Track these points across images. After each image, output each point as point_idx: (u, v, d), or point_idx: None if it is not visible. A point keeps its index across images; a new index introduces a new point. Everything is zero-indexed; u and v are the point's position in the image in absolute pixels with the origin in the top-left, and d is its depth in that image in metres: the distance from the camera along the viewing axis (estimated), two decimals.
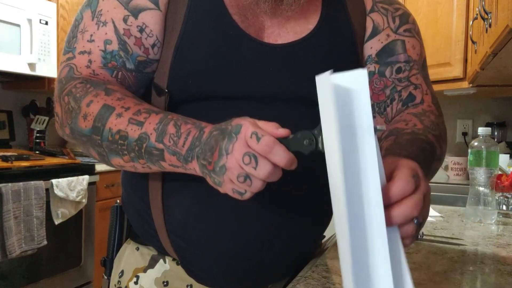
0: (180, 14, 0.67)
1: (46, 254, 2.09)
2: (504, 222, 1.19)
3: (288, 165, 0.51)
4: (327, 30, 0.73)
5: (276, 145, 0.50)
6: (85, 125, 0.62)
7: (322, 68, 0.70)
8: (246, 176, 0.51)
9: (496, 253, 0.88)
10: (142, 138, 0.59)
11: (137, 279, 0.76)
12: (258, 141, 0.50)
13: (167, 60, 0.68)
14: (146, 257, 0.77)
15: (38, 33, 2.32)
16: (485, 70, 1.50)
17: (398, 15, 0.80)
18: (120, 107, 0.61)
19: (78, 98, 0.63)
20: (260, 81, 0.68)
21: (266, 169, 0.50)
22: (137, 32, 0.67)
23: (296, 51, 0.70)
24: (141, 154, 0.60)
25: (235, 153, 0.51)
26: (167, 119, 0.59)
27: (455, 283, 0.70)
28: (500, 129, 2.42)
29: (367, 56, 0.79)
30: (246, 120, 0.53)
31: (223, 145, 0.52)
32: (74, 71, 0.67)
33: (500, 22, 1.03)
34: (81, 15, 0.69)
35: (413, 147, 0.66)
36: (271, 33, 0.70)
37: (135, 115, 0.60)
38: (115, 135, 0.60)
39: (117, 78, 0.68)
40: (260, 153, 0.50)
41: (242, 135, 0.51)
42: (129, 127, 0.59)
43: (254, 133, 0.50)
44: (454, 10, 2.07)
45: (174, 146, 0.58)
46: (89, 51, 0.67)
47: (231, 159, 0.51)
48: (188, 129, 0.58)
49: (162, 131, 0.58)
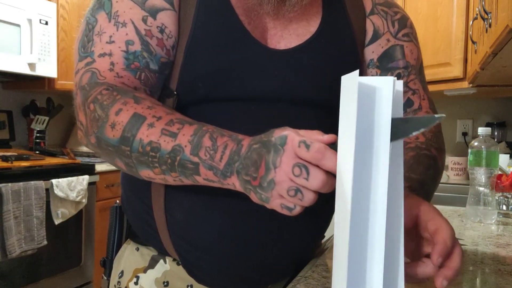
0: (189, 15, 0.67)
1: (46, 254, 2.09)
2: (504, 222, 1.19)
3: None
4: (329, 32, 0.74)
5: (327, 150, 0.47)
6: (113, 134, 0.59)
7: (325, 70, 0.72)
8: (297, 189, 0.48)
9: (496, 253, 0.88)
10: (176, 151, 0.56)
11: (137, 279, 0.76)
12: (308, 149, 0.47)
13: (177, 62, 0.67)
14: (146, 258, 0.77)
15: (38, 33, 2.32)
16: (485, 70, 1.50)
17: (397, 19, 0.80)
18: (151, 117, 0.58)
19: (106, 106, 0.60)
20: (266, 83, 0.68)
21: (319, 178, 0.47)
22: (158, 33, 0.66)
23: (300, 54, 0.71)
24: (174, 167, 0.57)
25: (284, 166, 0.48)
26: (202, 130, 0.56)
27: (455, 283, 0.70)
28: (500, 129, 2.42)
29: (369, 60, 0.80)
30: (289, 129, 0.50)
31: (269, 158, 0.49)
32: (98, 76, 0.64)
33: (500, 22, 1.03)
34: (94, 18, 0.66)
35: (420, 167, 0.69)
36: (274, 35, 0.71)
37: (167, 125, 0.57)
38: (146, 147, 0.57)
39: (140, 79, 0.65)
40: (311, 161, 0.47)
41: (289, 145, 0.49)
42: (162, 139, 0.56)
43: (302, 142, 0.48)
44: (454, 10, 2.07)
45: (210, 160, 0.55)
46: (109, 52, 0.64)
47: (279, 173, 0.48)
48: (225, 142, 0.55)
49: (197, 143, 0.55)
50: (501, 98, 2.46)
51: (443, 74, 2.10)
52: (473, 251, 0.89)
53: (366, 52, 0.79)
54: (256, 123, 0.67)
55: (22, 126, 2.71)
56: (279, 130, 0.51)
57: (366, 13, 0.79)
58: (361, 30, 0.78)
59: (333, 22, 0.75)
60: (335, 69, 0.72)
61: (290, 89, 0.70)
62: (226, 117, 0.68)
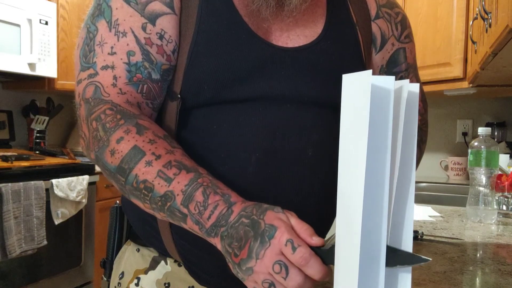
0: (192, 17, 0.67)
1: (46, 254, 2.09)
2: (504, 222, 1.19)
3: (322, 279, 0.50)
4: (334, 34, 0.74)
5: (312, 258, 0.49)
6: (112, 161, 0.60)
7: (332, 71, 0.72)
8: (272, 283, 0.50)
9: (496, 253, 0.88)
10: (168, 197, 0.57)
11: (138, 280, 0.75)
12: (293, 251, 0.49)
13: (181, 65, 0.67)
14: (147, 259, 0.76)
15: (38, 33, 2.32)
16: (485, 70, 1.50)
17: (399, 21, 0.83)
18: (150, 154, 0.59)
19: (108, 129, 0.61)
20: (271, 83, 0.68)
21: (297, 281, 0.49)
22: (157, 39, 0.65)
23: (307, 54, 0.71)
24: (163, 209, 0.59)
25: (266, 260, 0.50)
26: (197, 183, 0.57)
27: (455, 283, 0.70)
28: (500, 129, 2.42)
29: (380, 66, 0.83)
30: (281, 221, 0.52)
31: (254, 246, 0.51)
32: (101, 91, 0.64)
33: (500, 22, 1.03)
34: (95, 26, 0.66)
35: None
36: (280, 36, 0.71)
37: (165, 168, 0.58)
38: (140, 184, 0.58)
39: (143, 92, 0.66)
40: (294, 264, 0.49)
41: (276, 241, 0.50)
42: (157, 181, 0.58)
43: (289, 241, 0.49)
44: (454, 10, 2.07)
45: (198, 216, 0.56)
46: (112, 65, 0.64)
47: (260, 264, 0.50)
48: (216, 202, 0.56)
49: (189, 195, 0.56)
50: (501, 98, 2.46)
51: (443, 74, 2.10)
52: (473, 251, 0.89)
53: (378, 59, 0.82)
54: (264, 124, 0.67)
55: (22, 126, 2.71)
56: (271, 215, 0.53)
57: (371, 16, 0.80)
58: (367, 32, 0.79)
59: (337, 23, 0.75)
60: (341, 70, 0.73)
61: (298, 89, 0.69)
62: (233, 119, 0.67)
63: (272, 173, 0.67)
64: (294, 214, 0.55)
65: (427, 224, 1.14)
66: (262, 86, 0.68)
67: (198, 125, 0.68)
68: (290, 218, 0.53)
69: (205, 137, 0.68)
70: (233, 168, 0.67)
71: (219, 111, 0.68)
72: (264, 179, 0.67)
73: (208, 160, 0.67)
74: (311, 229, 0.52)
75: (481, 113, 2.53)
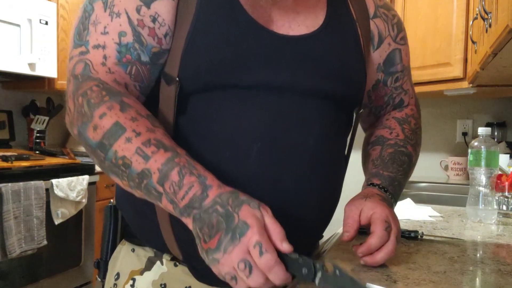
0: (191, 4, 0.67)
1: (46, 254, 2.09)
2: (504, 222, 1.19)
3: (281, 284, 0.53)
4: (335, 26, 0.75)
5: (276, 265, 0.52)
6: (93, 136, 0.61)
7: (332, 61, 0.73)
8: (234, 277, 0.53)
9: (496, 253, 0.88)
10: (144, 174, 0.58)
11: (133, 282, 0.75)
12: (260, 255, 0.51)
13: (178, 49, 0.67)
14: (143, 259, 0.76)
15: (38, 33, 2.32)
16: (485, 70, 1.50)
17: (395, 23, 0.86)
18: (131, 131, 0.59)
19: (92, 105, 0.61)
20: (272, 71, 0.68)
21: (258, 281, 0.52)
22: (150, 22, 0.66)
23: (309, 43, 0.71)
24: (140, 187, 0.59)
25: (233, 255, 0.52)
26: (174, 162, 0.58)
27: (455, 283, 0.70)
28: (500, 129, 2.41)
29: (378, 65, 0.85)
30: (255, 219, 0.53)
31: (223, 240, 0.53)
32: (91, 68, 0.65)
33: (500, 22, 1.03)
34: (91, 6, 0.67)
35: (394, 165, 0.81)
36: (282, 26, 0.71)
37: (143, 145, 0.59)
38: (119, 160, 0.59)
39: (131, 74, 0.66)
40: (258, 267, 0.52)
41: (246, 239, 0.52)
42: (135, 158, 0.58)
43: (258, 245, 0.51)
44: (454, 10, 2.07)
45: (173, 195, 0.57)
46: (103, 45, 0.65)
47: (226, 258, 0.52)
48: (191, 183, 0.57)
49: (165, 174, 0.57)
50: (501, 98, 2.46)
51: (443, 74, 2.10)
52: (473, 251, 0.89)
53: (376, 57, 0.83)
54: (264, 114, 0.67)
55: (22, 126, 2.71)
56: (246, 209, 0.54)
57: (370, 15, 0.82)
58: (366, 29, 0.80)
59: (337, 17, 0.76)
60: (341, 63, 0.74)
61: (299, 78, 0.69)
62: (233, 106, 0.67)
63: (273, 163, 0.67)
64: (269, 212, 0.56)
65: (427, 224, 1.14)
66: (263, 72, 0.67)
67: (197, 111, 0.68)
68: (265, 216, 0.54)
69: (204, 123, 0.68)
70: (233, 157, 0.67)
71: (219, 97, 0.67)
72: (265, 168, 0.67)
73: (207, 148, 0.67)
74: (283, 233, 0.54)
75: (481, 113, 2.53)
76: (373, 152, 0.84)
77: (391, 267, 0.76)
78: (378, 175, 0.79)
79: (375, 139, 0.86)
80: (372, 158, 0.83)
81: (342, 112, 0.78)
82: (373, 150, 0.85)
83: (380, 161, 0.81)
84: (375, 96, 0.87)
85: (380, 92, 0.87)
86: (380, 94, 0.88)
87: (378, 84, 0.86)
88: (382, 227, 0.68)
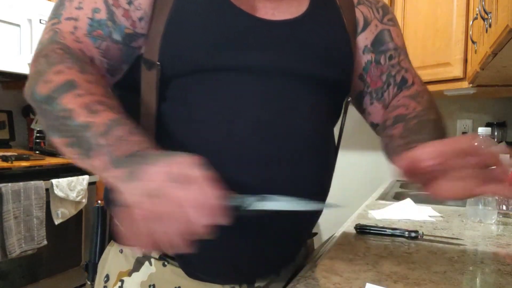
0: None
1: (46, 254, 2.09)
2: (504, 222, 1.19)
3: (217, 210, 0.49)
4: (319, 12, 0.75)
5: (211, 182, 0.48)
6: (41, 90, 0.58)
7: (318, 45, 0.73)
8: (159, 193, 0.47)
9: (496, 253, 0.88)
10: (85, 126, 0.54)
11: (122, 283, 0.74)
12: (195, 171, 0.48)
13: (157, 34, 0.66)
14: (131, 260, 0.74)
15: (38, 33, 2.31)
16: (485, 70, 1.50)
17: (380, 7, 0.86)
18: (84, 89, 0.57)
19: (51, 62, 0.60)
20: (256, 53, 0.67)
21: (193, 193, 0.47)
22: (125, 4, 0.66)
23: (293, 27, 0.71)
24: (73, 141, 0.55)
25: (165, 168, 0.48)
26: (120, 121, 0.55)
27: (455, 283, 0.70)
28: (500, 129, 2.41)
29: (364, 47, 0.83)
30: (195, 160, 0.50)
31: (158, 158, 0.50)
32: (58, 35, 0.64)
33: (500, 22, 1.03)
34: None
35: (426, 129, 0.70)
36: (265, 14, 0.70)
37: (93, 103, 0.56)
38: (61, 112, 0.56)
39: (100, 48, 0.66)
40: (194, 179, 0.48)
41: (182, 159, 0.49)
42: (80, 110, 0.55)
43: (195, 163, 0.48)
44: (454, 10, 2.07)
45: (112, 148, 0.53)
46: (76, 17, 0.65)
47: (156, 170, 0.48)
48: (138, 141, 0.54)
49: (109, 129, 0.54)
50: (501, 98, 2.46)
51: (443, 74, 2.10)
52: (473, 251, 0.89)
53: (360, 40, 0.83)
54: (248, 93, 0.66)
55: (22, 126, 2.71)
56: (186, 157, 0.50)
57: (354, 3, 0.83)
58: (351, 18, 0.81)
59: (322, 5, 0.76)
60: (326, 47, 0.75)
61: (284, 60, 0.69)
62: (216, 89, 0.66)
63: (261, 143, 0.66)
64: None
65: (427, 224, 1.14)
66: (246, 55, 0.67)
67: (180, 96, 0.67)
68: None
69: (187, 107, 0.67)
70: (217, 137, 0.66)
71: (201, 80, 0.67)
72: (250, 148, 0.66)
73: (191, 131, 0.66)
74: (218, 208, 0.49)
75: (481, 113, 2.53)
76: (396, 131, 0.74)
77: (391, 267, 0.76)
78: (414, 141, 0.66)
79: (392, 120, 0.77)
80: (398, 135, 0.73)
81: (330, 97, 0.76)
82: (394, 129, 0.75)
83: (408, 132, 0.71)
84: (371, 77, 0.84)
85: (375, 72, 0.84)
86: (376, 74, 0.84)
87: (369, 64, 0.83)
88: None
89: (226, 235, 0.68)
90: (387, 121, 0.78)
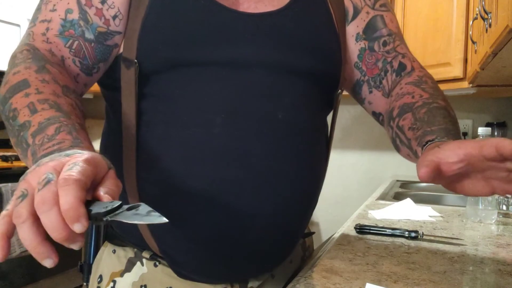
0: None
1: None
2: (504, 222, 1.19)
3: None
4: (303, 3, 0.74)
5: (76, 182, 0.43)
6: (1, 91, 0.59)
7: (300, 37, 0.72)
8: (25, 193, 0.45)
9: (496, 253, 0.88)
10: (24, 126, 0.53)
11: (114, 284, 0.74)
12: (70, 169, 0.43)
13: (134, 32, 0.67)
14: (123, 260, 0.75)
15: None
16: (485, 70, 1.50)
17: None
18: (34, 88, 0.57)
19: (14, 64, 0.61)
20: (236, 47, 0.67)
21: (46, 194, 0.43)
22: (98, 3, 0.67)
23: (275, 18, 0.70)
24: (18, 142, 0.54)
25: (43, 168, 0.44)
26: (57, 120, 0.52)
27: (455, 283, 0.70)
28: (500, 129, 2.41)
29: (356, 35, 0.82)
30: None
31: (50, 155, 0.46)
32: (30, 37, 0.66)
33: (500, 22, 1.03)
34: None
35: (437, 118, 0.67)
36: (248, 7, 0.70)
37: (38, 102, 0.55)
38: (11, 112, 0.56)
39: (71, 47, 0.66)
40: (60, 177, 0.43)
41: (64, 159, 0.44)
42: (23, 110, 0.54)
43: (75, 164, 0.43)
44: (454, 10, 2.07)
45: (38, 147, 0.50)
46: (49, 19, 0.66)
47: (39, 169, 0.44)
48: (63, 139, 0.50)
49: (42, 128, 0.52)
50: (501, 98, 2.46)
51: (443, 74, 2.10)
52: (473, 251, 0.89)
53: (351, 28, 0.81)
54: (229, 87, 0.66)
55: None
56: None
57: None
58: (339, 7, 0.79)
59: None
60: (310, 37, 0.74)
61: (265, 52, 0.68)
62: (195, 83, 0.66)
63: (239, 135, 0.66)
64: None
65: (427, 224, 1.14)
66: (225, 48, 0.67)
67: (159, 92, 0.67)
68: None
69: (167, 103, 0.67)
70: (198, 130, 0.66)
71: (180, 76, 0.66)
72: (231, 141, 0.66)
73: (171, 127, 0.66)
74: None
75: (481, 113, 2.53)
76: (405, 122, 0.71)
77: (391, 267, 0.76)
78: (428, 133, 0.64)
79: (399, 110, 0.74)
80: (408, 127, 0.70)
81: (318, 89, 0.75)
82: (403, 120, 0.72)
83: (420, 123, 0.68)
84: (366, 65, 0.82)
85: (370, 59, 0.82)
86: (371, 61, 0.82)
87: (363, 52, 0.82)
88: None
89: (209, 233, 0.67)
90: (393, 111, 0.76)
